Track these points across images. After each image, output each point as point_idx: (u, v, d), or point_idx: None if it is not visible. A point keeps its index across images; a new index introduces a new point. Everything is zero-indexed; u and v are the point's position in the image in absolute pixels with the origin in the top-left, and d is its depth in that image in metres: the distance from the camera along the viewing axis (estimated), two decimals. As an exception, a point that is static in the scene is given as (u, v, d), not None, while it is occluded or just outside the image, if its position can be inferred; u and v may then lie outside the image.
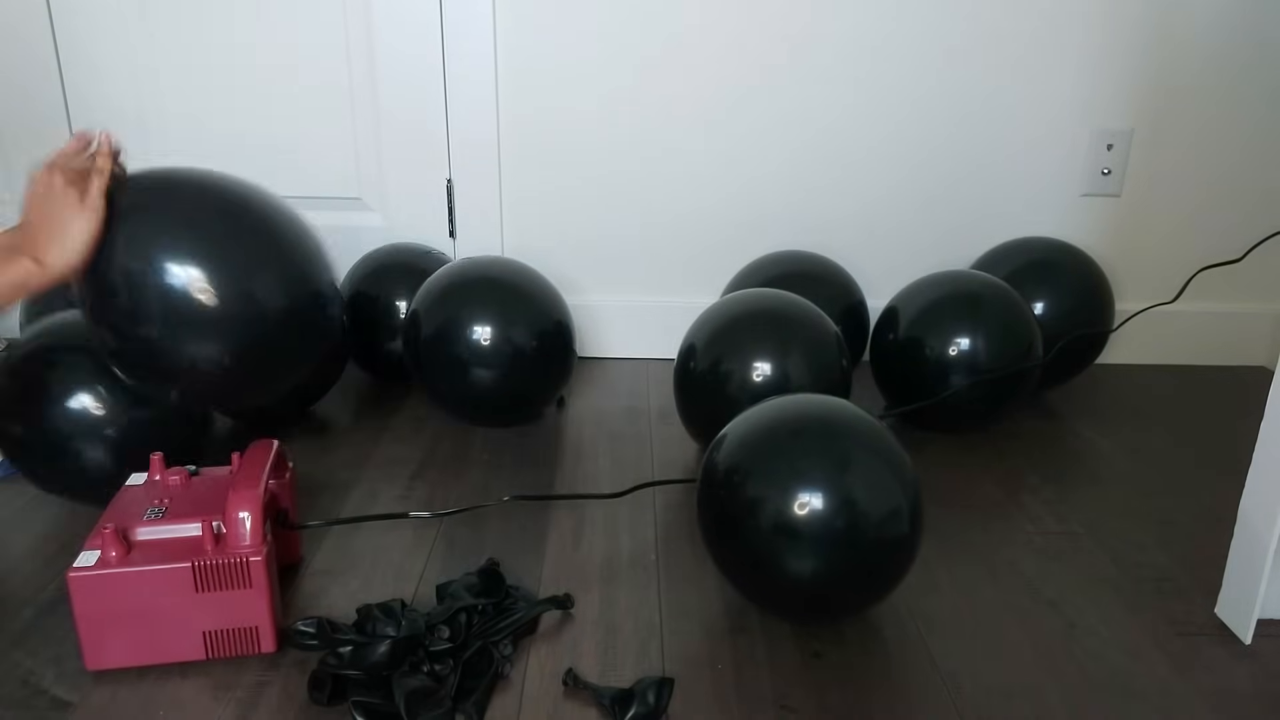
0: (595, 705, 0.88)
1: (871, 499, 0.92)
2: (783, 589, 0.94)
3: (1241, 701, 0.91)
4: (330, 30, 1.62)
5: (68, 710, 0.86)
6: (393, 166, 1.70)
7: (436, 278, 1.42)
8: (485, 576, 1.03)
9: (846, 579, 0.94)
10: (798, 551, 0.91)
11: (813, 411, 0.98)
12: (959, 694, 0.91)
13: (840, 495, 0.91)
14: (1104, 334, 1.52)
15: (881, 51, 1.62)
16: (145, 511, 0.95)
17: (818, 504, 0.90)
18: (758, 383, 1.24)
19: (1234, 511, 1.00)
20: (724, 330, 1.29)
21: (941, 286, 1.43)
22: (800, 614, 1.00)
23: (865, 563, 0.93)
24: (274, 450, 1.03)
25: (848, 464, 0.93)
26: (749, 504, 0.94)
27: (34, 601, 1.02)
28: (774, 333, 1.26)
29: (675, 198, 1.70)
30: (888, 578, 0.95)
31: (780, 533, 0.91)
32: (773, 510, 0.92)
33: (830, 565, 0.92)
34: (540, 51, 1.62)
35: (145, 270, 1.02)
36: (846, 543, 0.91)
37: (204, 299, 1.03)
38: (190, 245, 1.04)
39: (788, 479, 0.92)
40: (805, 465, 0.93)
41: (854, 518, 0.91)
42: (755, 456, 0.96)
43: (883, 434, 0.96)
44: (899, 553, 0.94)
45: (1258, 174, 1.70)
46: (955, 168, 1.69)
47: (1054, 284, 1.51)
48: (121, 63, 1.64)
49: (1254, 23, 1.61)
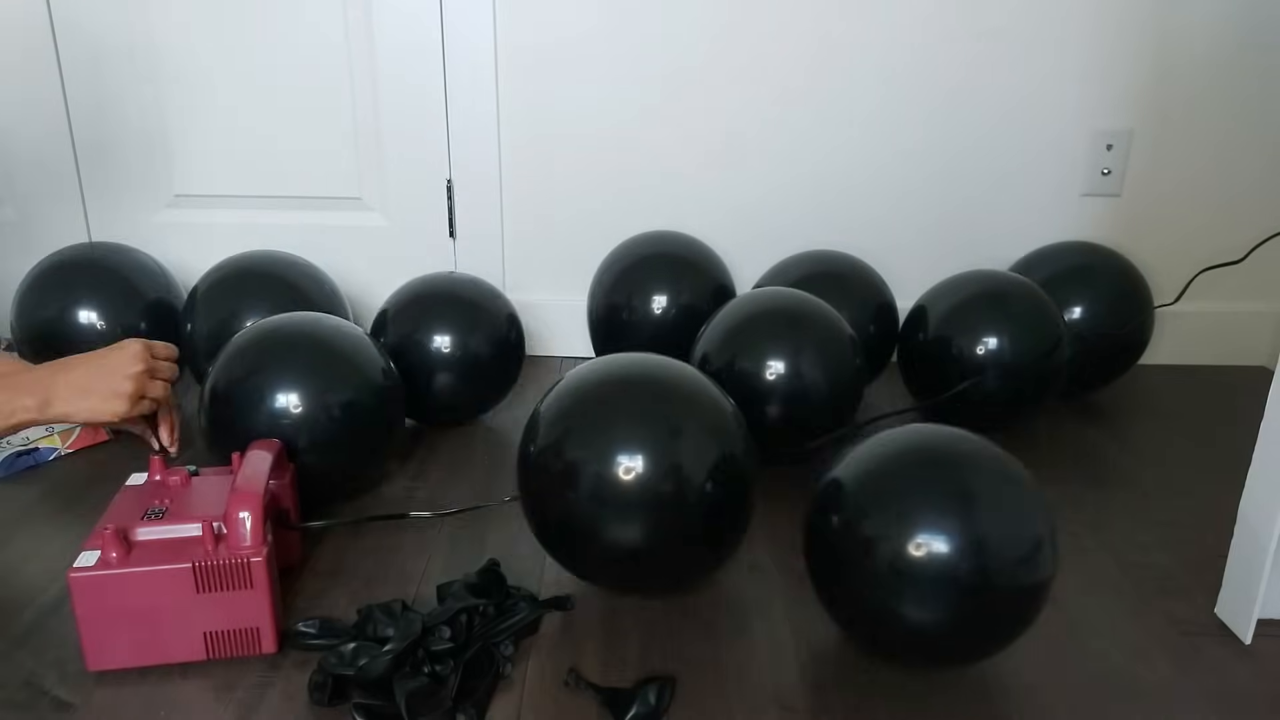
0: (596, 705, 0.88)
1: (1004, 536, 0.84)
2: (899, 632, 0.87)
3: (1241, 701, 0.91)
4: (330, 30, 1.62)
5: (69, 712, 0.86)
6: (393, 166, 1.70)
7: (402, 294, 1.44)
8: (486, 577, 1.03)
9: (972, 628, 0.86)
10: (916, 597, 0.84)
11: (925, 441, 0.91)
12: (959, 693, 0.91)
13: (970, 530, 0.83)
14: (1113, 335, 1.51)
15: (881, 52, 1.62)
16: (145, 512, 0.95)
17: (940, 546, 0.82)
18: (770, 381, 1.24)
19: (1234, 511, 1.00)
20: (738, 329, 1.29)
21: (969, 285, 1.43)
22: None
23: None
24: (275, 450, 1.03)
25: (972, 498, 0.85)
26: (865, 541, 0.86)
27: (35, 603, 1.02)
28: (788, 332, 1.27)
29: (684, 197, 1.70)
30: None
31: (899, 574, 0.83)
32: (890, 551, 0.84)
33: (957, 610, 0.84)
34: (543, 50, 1.62)
35: None
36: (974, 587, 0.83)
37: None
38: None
39: (910, 514, 0.84)
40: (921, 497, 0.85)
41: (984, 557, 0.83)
42: (872, 492, 0.88)
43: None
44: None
45: (1258, 174, 1.70)
46: (955, 168, 1.69)
47: (1092, 287, 1.53)
48: (121, 62, 1.64)
49: (1254, 23, 1.61)
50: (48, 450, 1.33)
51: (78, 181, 1.70)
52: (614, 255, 1.59)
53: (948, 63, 1.63)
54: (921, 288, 1.51)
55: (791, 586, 1.07)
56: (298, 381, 1.12)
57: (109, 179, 1.71)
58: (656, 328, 1.50)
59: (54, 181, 1.70)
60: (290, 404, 1.11)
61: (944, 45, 1.62)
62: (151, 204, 1.72)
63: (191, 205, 1.73)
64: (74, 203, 1.71)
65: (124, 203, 1.72)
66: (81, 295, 1.46)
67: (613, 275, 1.55)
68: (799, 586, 1.07)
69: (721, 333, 1.31)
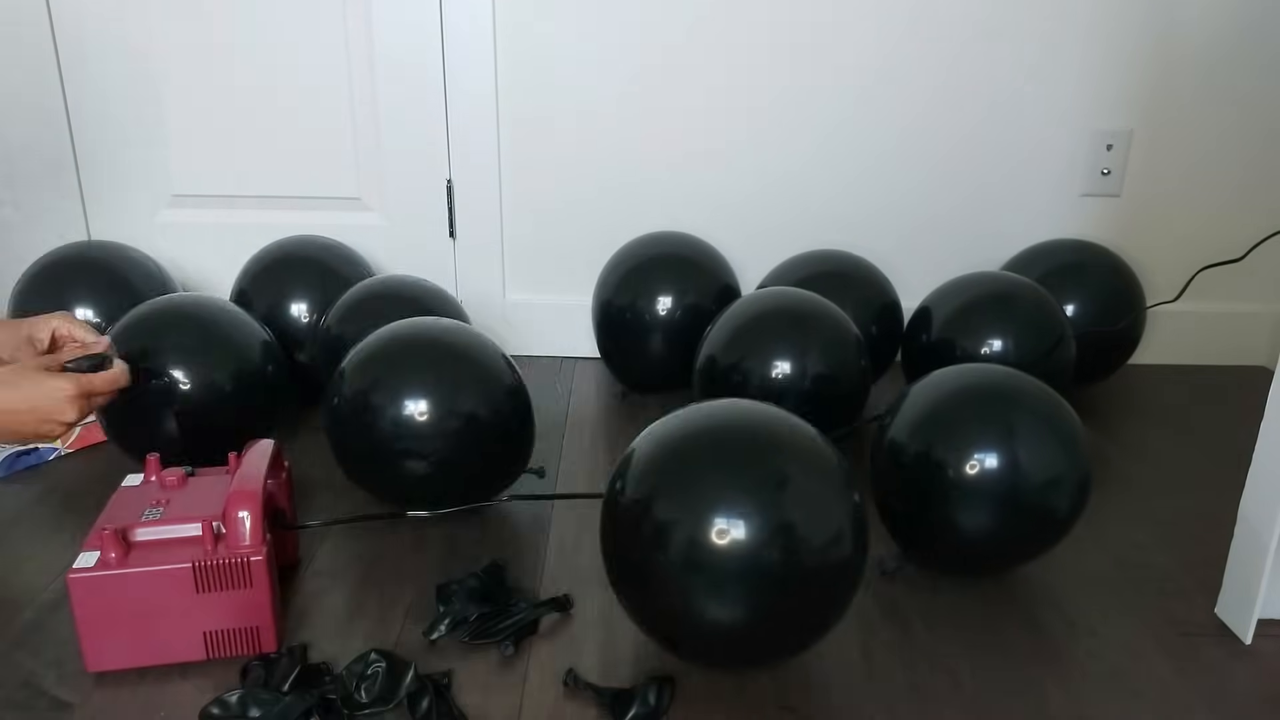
0: (596, 705, 0.88)
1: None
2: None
3: (1241, 701, 0.91)
4: (330, 30, 1.62)
5: (68, 711, 0.86)
6: (393, 166, 1.70)
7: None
8: (487, 577, 1.03)
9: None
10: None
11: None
12: (959, 693, 0.91)
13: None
14: (1104, 333, 1.52)
15: (881, 53, 1.62)
16: (143, 512, 0.94)
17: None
18: (777, 381, 1.25)
19: (1234, 511, 1.00)
20: (744, 330, 1.30)
21: (973, 286, 1.43)
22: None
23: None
24: (271, 450, 1.03)
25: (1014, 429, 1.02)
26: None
27: (35, 602, 1.02)
28: (794, 333, 1.27)
29: (684, 196, 1.70)
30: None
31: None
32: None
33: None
34: (542, 49, 1.62)
35: None
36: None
37: None
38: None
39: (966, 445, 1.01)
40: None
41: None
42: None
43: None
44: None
45: (1258, 174, 1.70)
46: (954, 168, 1.69)
47: (1085, 285, 1.53)
48: (121, 62, 1.64)
49: (1254, 23, 1.61)
50: (48, 450, 1.33)
51: (77, 181, 1.70)
52: (619, 255, 1.59)
53: (947, 63, 1.63)
54: (921, 288, 1.51)
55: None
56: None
57: (109, 179, 1.70)
58: (662, 328, 1.50)
59: (54, 181, 1.70)
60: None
61: (944, 46, 1.62)
62: (151, 204, 1.72)
63: (191, 205, 1.72)
64: (74, 202, 1.71)
65: (123, 202, 1.71)
66: (77, 294, 1.46)
67: (618, 275, 1.55)
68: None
69: (728, 333, 1.31)
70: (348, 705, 0.86)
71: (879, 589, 1.07)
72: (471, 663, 0.94)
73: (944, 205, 1.71)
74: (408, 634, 0.98)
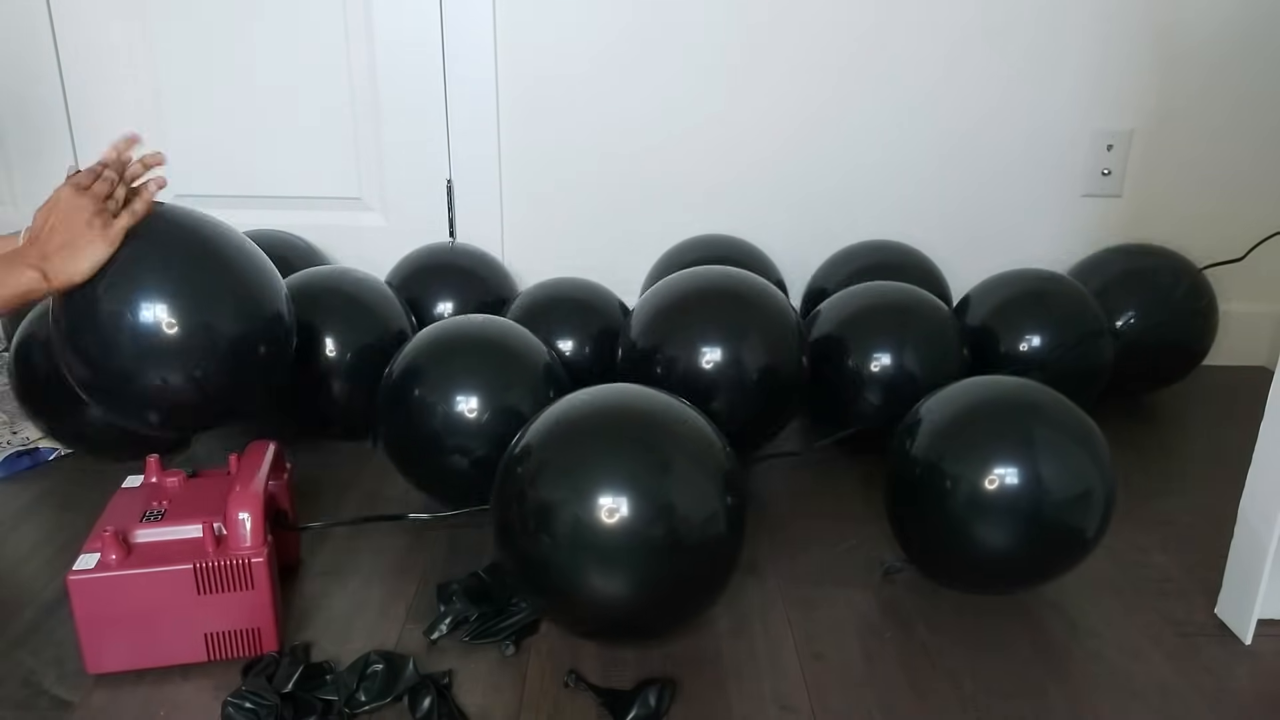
0: (596, 706, 0.88)
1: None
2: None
3: (1241, 701, 0.91)
4: (330, 30, 1.62)
5: (68, 710, 0.86)
6: (393, 166, 1.70)
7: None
8: (487, 577, 1.03)
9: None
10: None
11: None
12: (960, 693, 0.91)
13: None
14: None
15: (881, 53, 1.62)
16: (144, 514, 0.94)
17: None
18: (706, 370, 1.17)
19: (1234, 511, 1.00)
20: (666, 313, 1.24)
21: (1010, 284, 1.44)
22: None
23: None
24: (272, 451, 1.03)
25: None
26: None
27: (35, 602, 1.02)
28: (725, 316, 1.21)
29: (685, 196, 1.70)
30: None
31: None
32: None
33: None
34: (543, 49, 1.62)
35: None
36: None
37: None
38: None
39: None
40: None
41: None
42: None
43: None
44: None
45: (1258, 174, 1.70)
46: (953, 168, 1.69)
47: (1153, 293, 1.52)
48: (121, 62, 1.64)
49: (1254, 23, 1.61)
50: (47, 450, 1.33)
51: (77, 181, 1.70)
52: (664, 261, 1.60)
53: (947, 63, 1.63)
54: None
55: (791, 586, 1.07)
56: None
57: (108, 179, 1.70)
58: None
59: (54, 181, 1.69)
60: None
61: (944, 46, 1.62)
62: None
63: (191, 205, 1.72)
64: (73, 203, 1.71)
65: (123, 203, 1.71)
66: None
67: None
68: (799, 586, 1.07)
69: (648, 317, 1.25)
70: (349, 705, 0.86)
71: (881, 590, 1.07)
72: (472, 663, 0.94)
73: (942, 206, 1.71)
74: (409, 634, 0.98)
